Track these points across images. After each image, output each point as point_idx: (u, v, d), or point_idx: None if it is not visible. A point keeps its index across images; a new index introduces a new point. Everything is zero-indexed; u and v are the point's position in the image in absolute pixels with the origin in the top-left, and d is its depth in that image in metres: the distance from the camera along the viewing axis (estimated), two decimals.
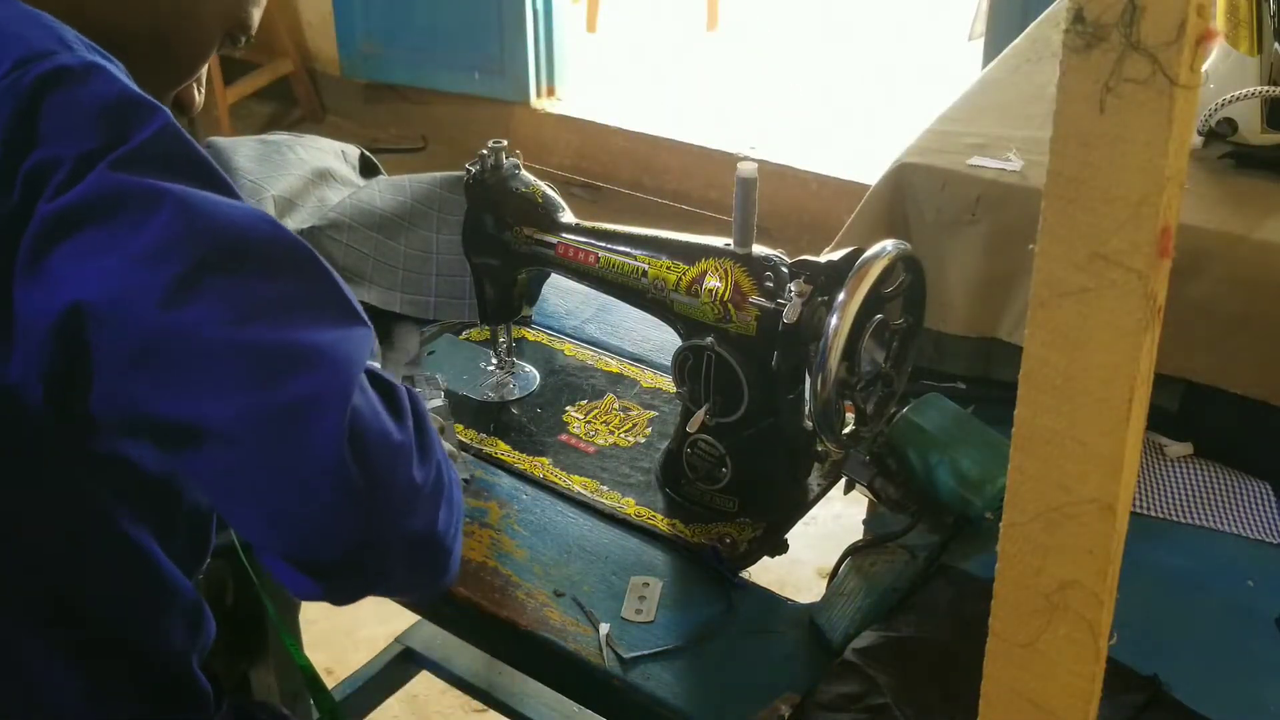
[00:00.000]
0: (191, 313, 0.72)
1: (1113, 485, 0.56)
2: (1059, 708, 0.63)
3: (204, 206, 0.75)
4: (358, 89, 4.25)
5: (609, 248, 1.23)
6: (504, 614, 1.09)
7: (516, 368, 1.41)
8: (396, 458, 0.76)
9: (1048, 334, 0.55)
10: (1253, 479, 1.23)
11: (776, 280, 1.12)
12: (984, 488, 1.13)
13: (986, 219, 1.34)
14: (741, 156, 2.80)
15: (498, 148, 1.29)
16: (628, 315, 1.49)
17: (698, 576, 1.13)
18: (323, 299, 0.79)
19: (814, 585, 2.01)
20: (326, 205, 1.47)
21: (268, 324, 0.74)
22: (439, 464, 0.81)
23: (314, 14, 4.25)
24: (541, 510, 1.21)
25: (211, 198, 0.76)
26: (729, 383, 1.14)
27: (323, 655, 2.15)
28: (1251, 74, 1.33)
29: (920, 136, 1.45)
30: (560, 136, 3.89)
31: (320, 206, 1.47)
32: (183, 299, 0.72)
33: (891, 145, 1.47)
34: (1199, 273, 1.23)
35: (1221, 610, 1.09)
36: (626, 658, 1.04)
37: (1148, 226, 0.51)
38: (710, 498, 1.20)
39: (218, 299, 0.73)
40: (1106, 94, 0.50)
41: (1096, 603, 0.59)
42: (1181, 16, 0.47)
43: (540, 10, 3.77)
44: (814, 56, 4.48)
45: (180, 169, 0.77)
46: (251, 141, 1.54)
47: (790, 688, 1.00)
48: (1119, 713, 0.96)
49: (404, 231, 1.48)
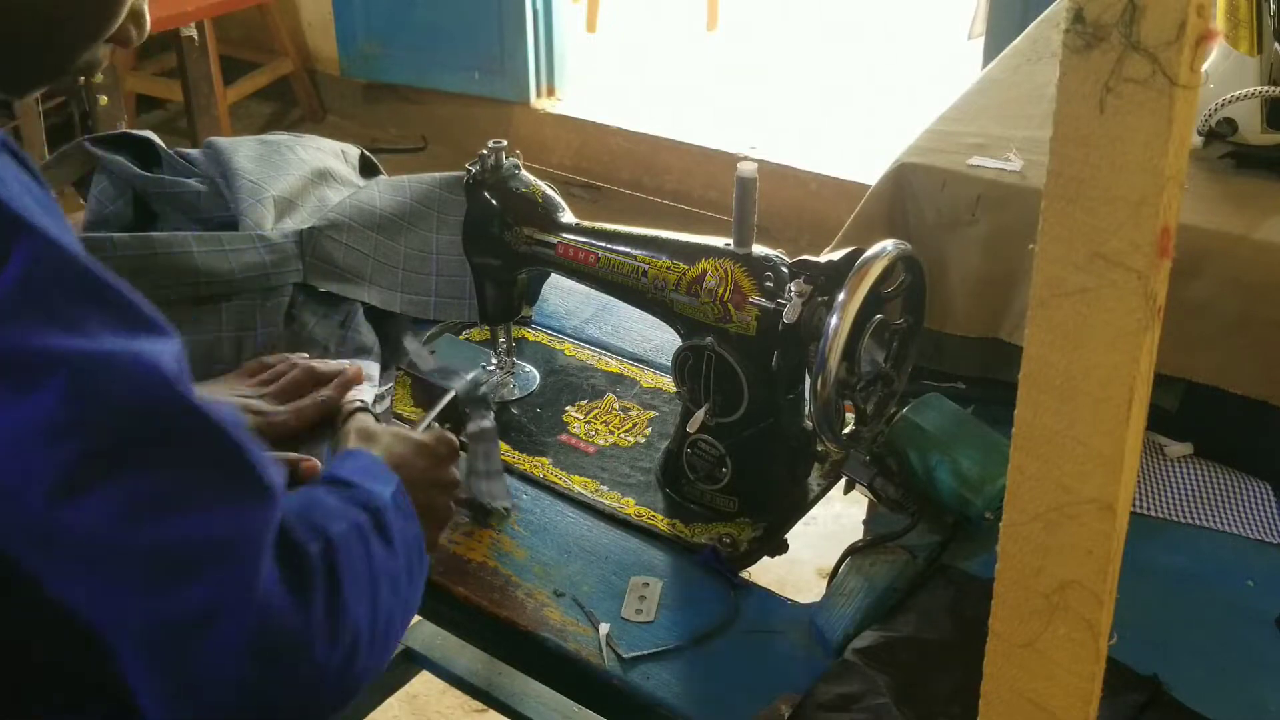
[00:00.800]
0: (82, 510, 0.68)
1: (1113, 485, 0.56)
2: (1059, 708, 0.63)
3: (96, 376, 0.69)
4: (358, 89, 4.25)
5: (609, 248, 1.23)
6: (504, 614, 1.09)
7: (516, 368, 1.41)
8: (300, 651, 0.73)
9: (1048, 334, 0.55)
10: (1253, 479, 1.23)
11: (776, 280, 1.12)
12: (984, 488, 1.13)
13: (986, 219, 1.34)
14: (741, 156, 2.80)
15: (498, 148, 1.29)
16: (628, 315, 1.49)
17: (698, 576, 1.13)
18: (223, 472, 0.73)
19: (814, 585, 2.01)
20: (326, 205, 1.47)
21: (164, 518, 0.69)
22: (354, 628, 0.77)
23: (314, 14, 4.25)
24: (541, 510, 1.21)
25: (103, 353, 0.69)
26: (729, 383, 1.14)
27: None
28: (1251, 74, 1.33)
29: (920, 136, 1.45)
30: (560, 136, 3.89)
31: (320, 206, 1.47)
32: (72, 492, 0.68)
33: (891, 145, 1.47)
34: (1199, 273, 1.23)
35: (1221, 610, 1.09)
36: (626, 658, 1.04)
37: (1148, 226, 0.51)
38: (710, 498, 1.20)
39: (110, 494, 0.68)
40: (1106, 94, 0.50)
41: (1096, 603, 0.59)
42: (1181, 16, 0.47)
43: (540, 10, 3.77)
44: (814, 56, 4.47)
45: (64, 309, 0.69)
46: (251, 141, 1.54)
47: (790, 688, 1.00)
48: (1119, 713, 0.96)
49: (404, 232, 1.48)
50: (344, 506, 0.84)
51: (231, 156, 1.48)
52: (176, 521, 0.70)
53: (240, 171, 1.46)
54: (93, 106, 2.82)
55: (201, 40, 3.01)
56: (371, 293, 1.41)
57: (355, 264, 1.42)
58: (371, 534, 0.84)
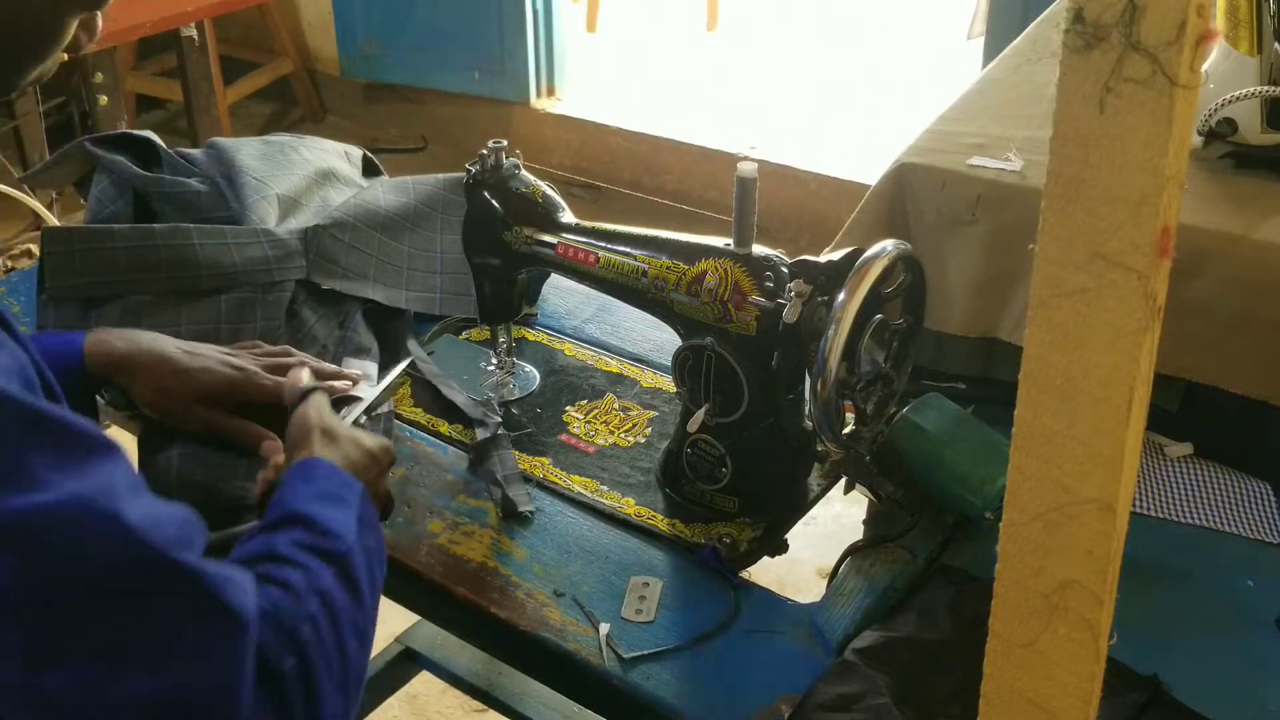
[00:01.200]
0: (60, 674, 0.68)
1: (1113, 485, 0.56)
2: (1059, 708, 0.63)
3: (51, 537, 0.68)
4: (358, 89, 4.25)
5: (609, 248, 1.23)
6: (504, 614, 1.09)
7: (516, 368, 1.41)
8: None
9: (1048, 334, 0.55)
10: (1253, 479, 1.23)
11: (776, 280, 1.12)
12: (984, 488, 1.13)
13: (986, 219, 1.34)
14: (741, 156, 2.80)
15: (498, 148, 1.29)
16: (628, 315, 1.49)
17: (698, 576, 1.13)
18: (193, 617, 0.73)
19: (814, 585, 2.01)
20: (330, 205, 1.48)
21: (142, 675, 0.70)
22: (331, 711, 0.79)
23: (314, 14, 4.25)
24: (541, 510, 1.21)
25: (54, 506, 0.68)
26: (729, 383, 1.14)
27: None
28: (1251, 74, 1.33)
29: (920, 136, 1.45)
30: (560, 136, 3.89)
31: (324, 207, 1.48)
32: (49, 658, 0.68)
33: (891, 145, 1.47)
34: (1199, 273, 1.23)
35: (1221, 610, 1.09)
36: (626, 658, 1.04)
37: (1148, 226, 0.51)
38: (710, 498, 1.20)
39: (86, 656, 0.68)
40: (1106, 94, 0.50)
41: (1096, 603, 0.59)
42: (1181, 16, 0.47)
43: (540, 10, 3.77)
44: (814, 56, 4.48)
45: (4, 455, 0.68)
46: (255, 141, 1.55)
47: (790, 688, 1.00)
48: (1119, 713, 0.96)
49: (407, 232, 1.48)
50: (308, 574, 0.84)
51: (235, 155, 1.49)
52: (154, 679, 0.70)
53: (245, 169, 1.46)
54: (93, 106, 2.82)
55: (201, 40, 3.01)
56: (376, 290, 1.42)
57: (358, 263, 1.42)
58: (338, 591, 0.84)
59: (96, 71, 2.75)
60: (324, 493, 0.93)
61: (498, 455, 1.25)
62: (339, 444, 1.03)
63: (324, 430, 1.04)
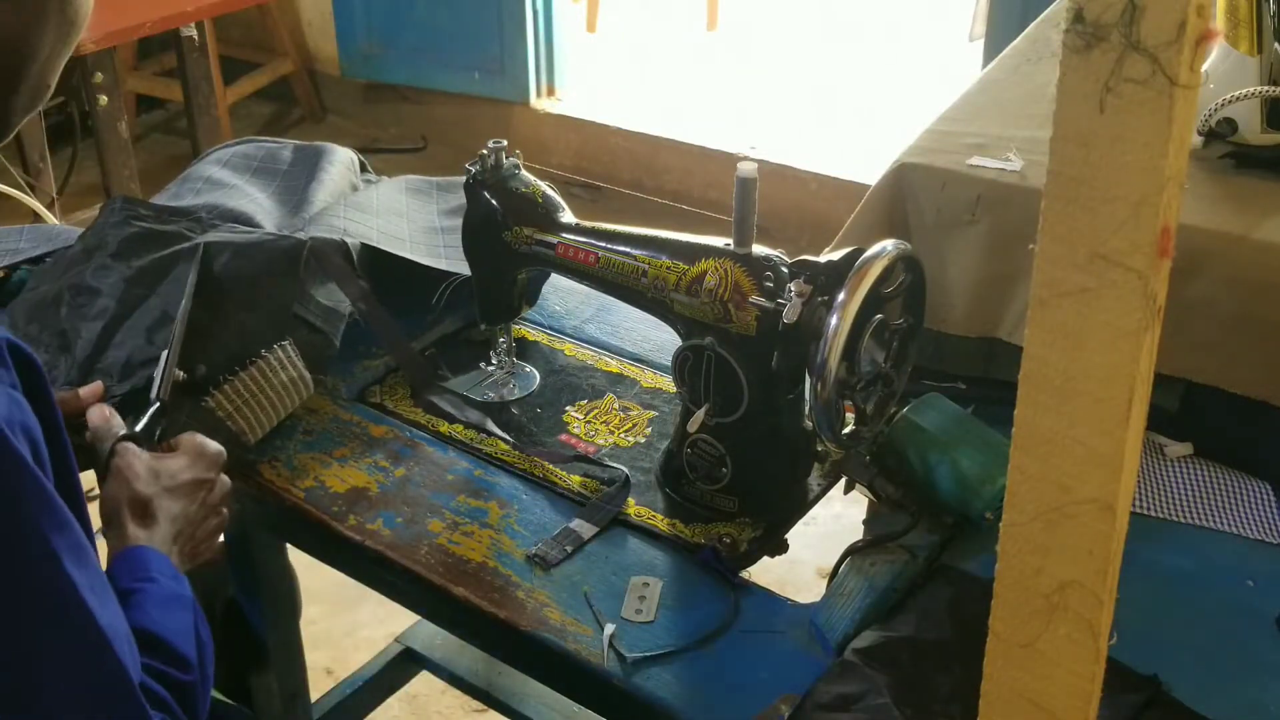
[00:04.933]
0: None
1: (1113, 485, 0.56)
2: (1059, 708, 0.63)
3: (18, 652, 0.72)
4: (358, 89, 4.25)
5: (609, 248, 1.23)
6: (504, 614, 1.09)
7: (516, 368, 1.41)
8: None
9: (1048, 334, 0.55)
10: (1253, 479, 1.23)
11: (776, 280, 1.12)
12: (984, 488, 1.13)
13: (986, 219, 1.34)
14: (741, 156, 2.81)
15: (498, 148, 1.29)
16: (628, 315, 1.49)
17: (698, 576, 1.13)
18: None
19: (814, 585, 2.01)
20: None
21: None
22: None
23: (314, 14, 4.25)
24: (541, 510, 1.21)
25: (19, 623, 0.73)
26: (729, 383, 1.14)
27: (323, 655, 2.15)
28: (1251, 74, 1.33)
29: (920, 136, 1.45)
30: (560, 136, 3.89)
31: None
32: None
33: (891, 145, 1.47)
34: (1199, 273, 1.23)
35: (1221, 610, 1.09)
36: (627, 658, 1.04)
37: (1148, 226, 0.51)
38: (710, 498, 1.20)
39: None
40: (1106, 94, 0.50)
41: (1096, 603, 0.59)
42: (1181, 16, 0.47)
43: (540, 10, 3.77)
44: (814, 56, 4.48)
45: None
46: (291, 144, 1.62)
47: (790, 688, 1.00)
48: (1119, 713, 0.96)
49: (404, 216, 1.50)
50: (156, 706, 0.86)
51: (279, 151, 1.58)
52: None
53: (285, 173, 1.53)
54: (93, 106, 2.82)
55: (201, 40, 3.01)
56: (383, 239, 1.43)
57: (359, 231, 1.43)
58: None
59: (96, 71, 2.75)
60: (163, 598, 0.93)
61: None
62: (154, 512, 1.01)
63: (133, 501, 1.02)
